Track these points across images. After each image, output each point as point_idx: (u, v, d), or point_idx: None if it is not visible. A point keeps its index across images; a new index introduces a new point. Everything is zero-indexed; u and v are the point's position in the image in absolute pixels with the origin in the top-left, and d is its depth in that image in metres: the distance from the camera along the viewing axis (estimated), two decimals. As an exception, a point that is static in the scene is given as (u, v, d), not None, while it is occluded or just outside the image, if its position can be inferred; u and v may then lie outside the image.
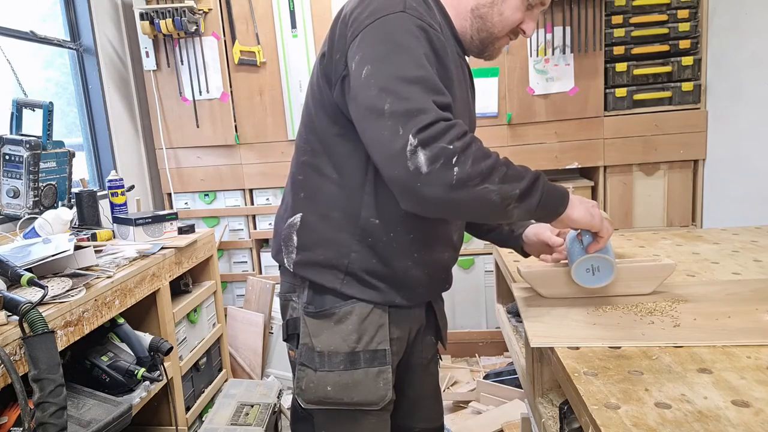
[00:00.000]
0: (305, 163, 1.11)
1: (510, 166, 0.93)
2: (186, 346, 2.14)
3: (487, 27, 1.09)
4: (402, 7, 0.96)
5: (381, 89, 0.89)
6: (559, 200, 0.99)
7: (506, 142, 2.85)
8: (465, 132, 0.89)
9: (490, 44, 1.13)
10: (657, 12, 2.69)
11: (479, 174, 0.88)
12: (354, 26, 0.97)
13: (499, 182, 0.90)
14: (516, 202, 0.92)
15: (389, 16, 0.95)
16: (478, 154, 0.89)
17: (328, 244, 1.08)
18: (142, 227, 2.02)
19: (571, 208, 1.00)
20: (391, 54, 0.92)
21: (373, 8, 0.97)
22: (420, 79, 0.90)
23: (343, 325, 1.09)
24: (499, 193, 0.90)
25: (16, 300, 1.16)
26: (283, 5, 2.79)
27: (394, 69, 0.90)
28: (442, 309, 1.31)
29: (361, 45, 0.95)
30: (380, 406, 1.10)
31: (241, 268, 3.12)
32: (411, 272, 1.12)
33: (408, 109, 0.87)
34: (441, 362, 1.42)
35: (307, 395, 1.11)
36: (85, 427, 1.36)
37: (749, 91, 2.52)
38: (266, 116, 2.92)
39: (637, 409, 0.71)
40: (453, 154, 0.86)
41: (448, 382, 2.73)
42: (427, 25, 0.96)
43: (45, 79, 2.66)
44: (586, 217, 1.01)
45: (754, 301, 1.03)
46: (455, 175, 0.86)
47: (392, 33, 0.94)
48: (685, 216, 2.86)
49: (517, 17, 1.09)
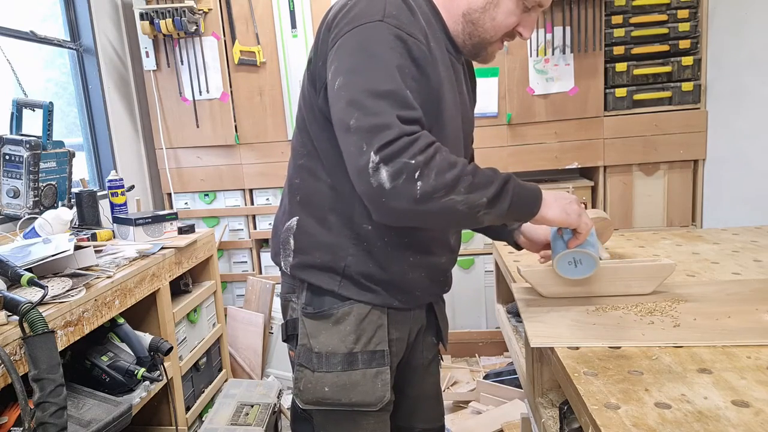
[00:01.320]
0: (302, 166, 1.11)
1: (477, 173, 0.92)
2: (186, 346, 2.14)
3: (478, 32, 1.07)
4: (380, 16, 0.94)
5: (349, 102, 0.90)
6: (531, 202, 0.99)
7: (506, 142, 2.85)
8: (429, 144, 0.89)
9: (482, 48, 1.11)
10: (657, 12, 2.69)
11: (444, 186, 0.88)
12: (334, 33, 0.98)
13: (465, 192, 0.90)
14: (485, 209, 0.92)
15: (366, 25, 0.94)
16: (443, 165, 0.89)
17: (324, 248, 1.09)
18: (142, 227, 2.02)
19: (545, 208, 1.00)
20: (363, 66, 0.92)
21: (353, 15, 0.96)
22: (388, 93, 0.90)
23: (342, 326, 1.09)
24: (466, 202, 0.90)
25: (16, 300, 1.16)
26: (283, 5, 2.79)
27: (363, 82, 0.91)
28: (443, 310, 1.31)
29: (337, 53, 0.96)
30: (378, 407, 1.10)
31: (241, 268, 3.12)
32: (408, 276, 1.12)
33: (372, 125, 0.87)
34: (442, 363, 1.42)
35: (305, 396, 1.11)
36: (85, 427, 1.36)
37: (749, 91, 2.52)
38: (266, 116, 2.92)
39: (637, 409, 0.71)
40: (415, 169, 0.86)
41: (448, 382, 2.73)
42: (406, 34, 0.95)
43: (45, 79, 2.66)
44: (561, 216, 1.01)
45: (754, 301, 1.03)
46: (419, 189, 0.87)
47: (367, 43, 0.93)
48: (685, 216, 2.86)
49: (510, 22, 1.06)
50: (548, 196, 1.01)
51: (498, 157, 2.84)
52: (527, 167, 2.86)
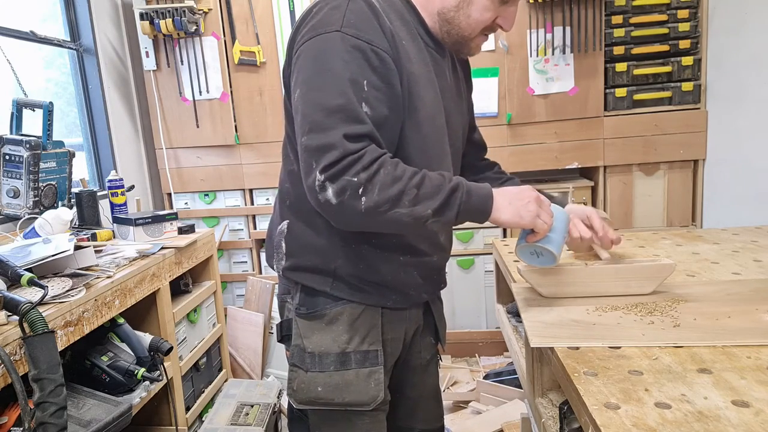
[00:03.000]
0: (291, 172, 1.12)
1: (422, 185, 0.94)
2: (186, 346, 2.14)
3: (455, 30, 1.07)
4: (338, 26, 0.95)
5: (303, 117, 0.94)
6: (481, 208, 0.99)
7: (506, 142, 2.85)
8: (374, 160, 0.91)
9: (463, 44, 1.10)
10: (657, 12, 2.69)
11: (386, 201, 0.91)
12: (298, 39, 0.99)
13: (410, 205, 0.93)
14: (432, 219, 0.95)
15: (324, 36, 0.95)
16: (386, 180, 0.91)
17: (314, 251, 1.10)
18: (142, 227, 2.02)
19: (497, 213, 1.00)
20: (316, 79, 0.94)
21: (314, 24, 0.97)
22: (338, 109, 0.92)
23: (334, 326, 1.10)
24: (411, 215, 0.93)
25: (16, 300, 1.16)
26: (283, 5, 2.79)
27: (315, 96, 0.94)
28: (441, 310, 1.32)
29: (297, 63, 0.98)
30: (372, 406, 1.11)
31: (241, 268, 3.12)
32: (400, 276, 1.12)
33: (319, 146, 0.91)
34: (441, 363, 1.42)
35: (299, 396, 1.12)
36: (85, 427, 1.35)
37: (749, 91, 2.52)
38: (266, 116, 2.92)
39: (637, 409, 0.71)
40: (358, 186, 0.90)
41: (448, 382, 2.73)
42: (365, 43, 0.95)
43: (45, 79, 2.66)
44: (515, 219, 1.01)
45: (754, 301, 1.03)
46: (363, 205, 0.91)
47: (322, 55, 0.95)
48: (685, 216, 2.86)
49: (486, 17, 1.05)
50: (502, 199, 1.01)
51: (498, 157, 2.79)
52: (527, 167, 2.86)
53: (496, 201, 1.00)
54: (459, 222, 0.99)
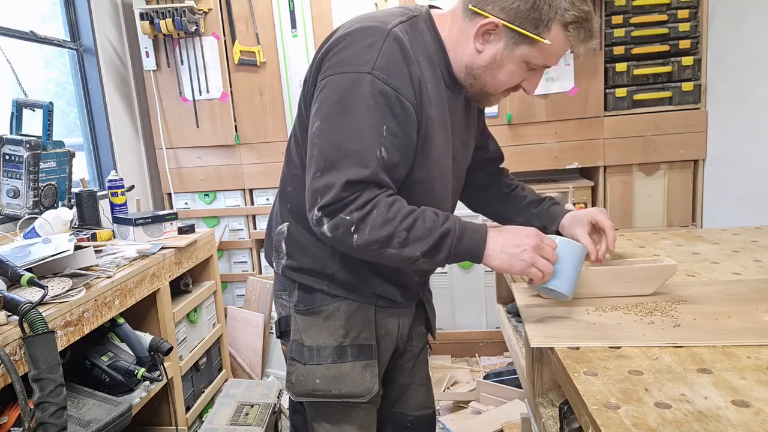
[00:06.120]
0: (295, 176, 1.14)
1: (413, 228, 0.95)
2: (186, 346, 2.14)
3: (479, 85, 1.07)
4: (370, 68, 0.95)
5: (319, 153, 0.96)
6: (473, 252, 0.99)
7: (506, 143, 2.84)
8: (368, 201, 0.94)
9: (484, 98, 1.11)
10: (657, 12, 2.69)
11: (376, 241, 0.95)
12: (325, 67, 0.99)
13: (399, 246, 0.95)
14: (423, 259, 0.97)
15: (353, 75, 0.95)
16: (377, 222, 0.94)
17: (313, 256, 1.13)
18: (142, 227, 2.02)
19: (489, 258, 0.99)
20: (339, 120, 0.96)
21: (345, 57, 0.97)
22: (353, 153, 0.94)
23: (331, 321, 1.14)
24: (400, 256, 0.96)
25: (16, 300, 1.16)
26: (283, 5, 2.79)
27: (335, 136, 0.95)
28: (430, 300, 1.37)
29: (321, 93, 0.98)
30: (367, 398, 1.15)
31: (241, 268, 3.12)
32: (396, 278, 1.16)
33: (323, 186, 0.95)
34: (430, 351, 1.48)
35: (297, 388, 1.16)
36: (85, 427, 1.36)
37: (749, 91, 2.52)
38: (266, 116, 2.92)
39: (637, 409, 0.71)
40: (350, 225, 0.94)
41: (448, 382, 2.73)
42: (392, 90, 0.95)
43: (45, 79, 2.65)
44: (505, 267, 1.00)
45: (754, 301, 1.03)
46: (355, 242, 0.95)
47: (348, 96, 0.95)
48: (685, 216, 2.86)
49: (513, 81, 1.05)
50: (495, 245, 0.99)
51: (498, 157, 2.83)
52: (527, 167, 2.86)
53: (488, 246, 0.99)
54: (450, 264, 1.02)
